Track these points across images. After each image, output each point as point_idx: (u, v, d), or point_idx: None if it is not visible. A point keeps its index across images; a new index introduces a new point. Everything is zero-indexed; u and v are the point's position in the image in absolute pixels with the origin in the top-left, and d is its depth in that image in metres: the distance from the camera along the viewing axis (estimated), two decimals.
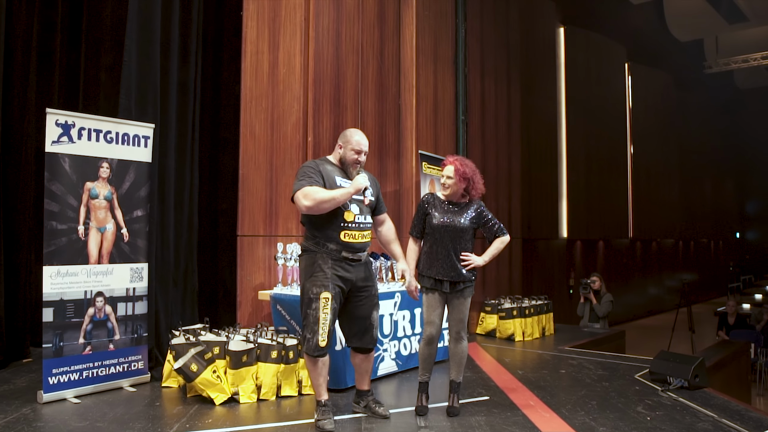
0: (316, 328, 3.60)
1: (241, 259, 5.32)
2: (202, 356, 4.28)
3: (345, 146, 3.82)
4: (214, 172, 6.02)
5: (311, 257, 3.69)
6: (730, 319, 9.98)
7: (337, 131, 5.79)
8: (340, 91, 5.85)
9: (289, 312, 4.82)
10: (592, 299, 8.26)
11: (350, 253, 3.72)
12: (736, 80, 22.37)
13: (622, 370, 5.52)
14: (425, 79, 6.87)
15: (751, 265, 25.41)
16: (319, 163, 3.82)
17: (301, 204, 3.58)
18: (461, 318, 4.08)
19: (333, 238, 3.67)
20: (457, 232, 4.04)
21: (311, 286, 3.64)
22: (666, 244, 18.87)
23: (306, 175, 3.66)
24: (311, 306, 3.63)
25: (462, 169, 4.09)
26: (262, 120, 5.44)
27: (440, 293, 4.06)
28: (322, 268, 3.64)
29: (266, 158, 5.44)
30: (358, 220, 3.75)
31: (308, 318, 3.64)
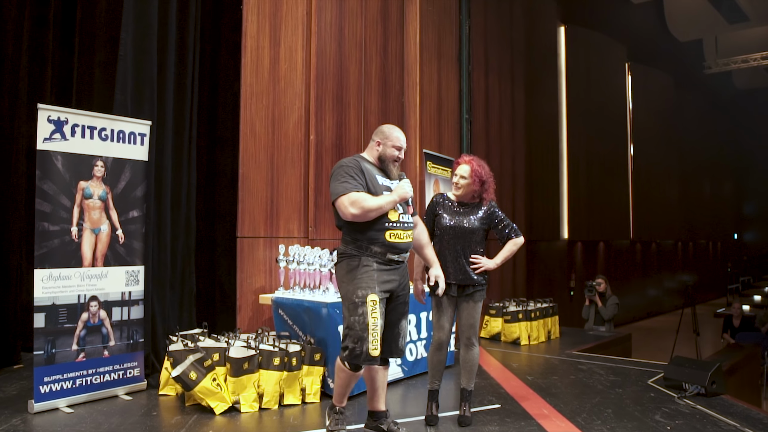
0: (365, 335, 3.26)
1: (241, 262, 5.13)
2: (201, 363, 4.10)
3: (384, 143, 3.51)
4: (212, 172, 5.83)
5: (354, 261, 3.38)
6: (735, 321, 9.83)
7: (339, 129, 5.61)
8: (343, 88, 5.68)
9: (291, 317, 4.64)
10: (598, 302, 8.10)
11: (396, 254, 3.42)
12: (735, 81, 22.28)
13: (634, 375, 5.35)
14: (429, 76, 6.70)
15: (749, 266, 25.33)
16: (359, 160, 3.48)
17: (347, 212, 3.28)
18: (472, 323, 3.91)
19: (377, 240, 3.37)
20: (467, 233, 3.88)
21: (355, 289, 3.33)
22: (665, 246, 18.76)
23: (348, 176, 3.34)
24: (357, 311, 3.29)
25: (479, 170, 3.95)
26: (262, 117, 5.25)
27: (450, 297, 3.89)
28: (367, 270, 3.34)
29: (267, 157, 5.26)
30: (403, 219, 3.48)
31: (354, 326, 3.29)
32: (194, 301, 5.29)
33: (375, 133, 3.58)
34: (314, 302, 4.45)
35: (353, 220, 3.31)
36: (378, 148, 3.53)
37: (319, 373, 4.39)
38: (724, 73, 19.95)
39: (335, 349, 4.38)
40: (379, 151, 3.53)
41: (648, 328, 15.32)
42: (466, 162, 3.98)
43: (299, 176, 5.36)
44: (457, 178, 3.96)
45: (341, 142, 5.61)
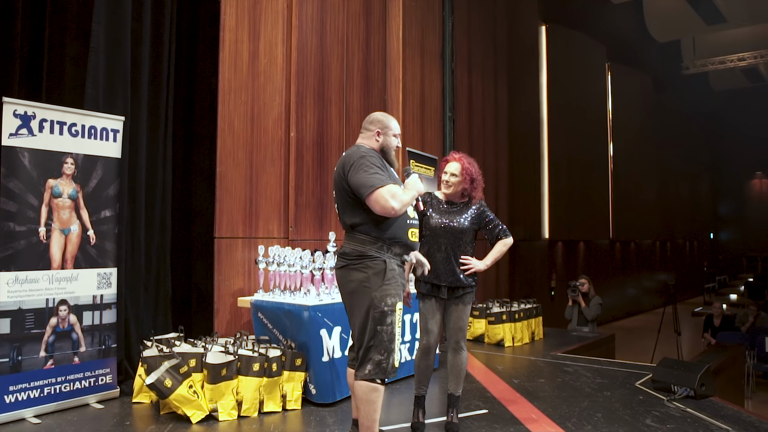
0: (392, 347, 2.97)
1: (219, 263, 4.95)
2: (176, 370, 3.91)
3: (386, 132, 3.23)
4: (189, 170, 5.62)
5: (378, 263, 3.01)
6: (715, 321, 9.85)
7: (321, 126, 5.45)
8: (325, 84, 5.52)
9: (271, 320, 4.47)
10: (581, 302, 8.04)
11: (408, 254, 3.21)
12: (711, 82, 22.51)
13: (621, 377, 5.27)
14: (412, 73, 6.57)
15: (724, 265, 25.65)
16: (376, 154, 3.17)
17: (388, 205, 2.89)
18: (461, 327, 3.78)
19: (400, 240, 3.08)
20: (457, 233, 3.75)
21: (384, 296, 2.97)
22: (644, 245, 18.87)
23: (377, 167, 2.99)
24: (385, 321, 2.96)
25: (470, 168, 3.84)
26: (241, 114, 5.07)
27: (438, 300, 3.77)
28: (393, 274, 3.02)
29: (246, 155, 5.08)
30: (416, 217, 3.27)
31: (380, 336, 2.94)
32: (170, 304, 5.10)
33: (371, 123, 3.26)
34: (295, 305, 4.29)
35: (387, 215, 2.94)
36: (379, 139, 3.23)
37: (301, 378, 4.23)
38: (701, 74, 20.13)
39: (317, 354, 4.23)
40: (380, 141, 3.23)
41: (628, 327, 15.37)
42: (456, 160, 3.85)
43: (279, 174, 5.19)
44: (448, 176, 3.83)
45: (323, 139, 5.45)
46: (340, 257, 3.12)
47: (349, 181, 2.99)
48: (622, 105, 16.60)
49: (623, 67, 16.59)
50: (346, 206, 3.06)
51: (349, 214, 3.06)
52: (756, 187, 26.71)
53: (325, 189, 5.47)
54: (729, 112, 23.96)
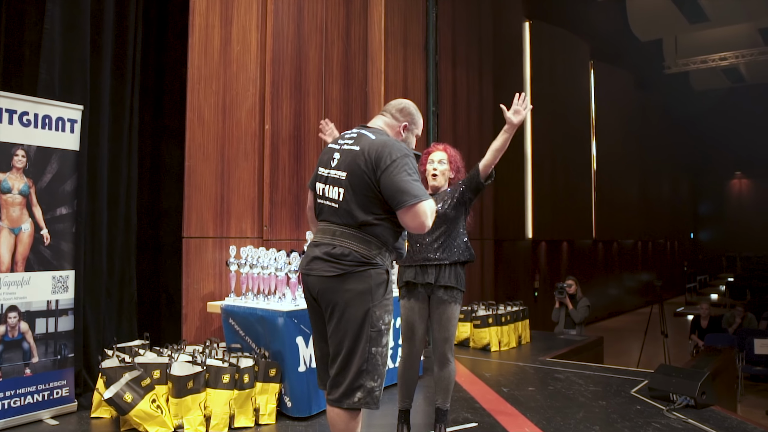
0: (384, 372, 2.55)
1: (187, 265, 4.60)
2: (138, 383, 3.56)
3: (412, 130, 2.75)
4: (157, 165, 5.25)
5: (381, 273, 2.52)
6: (702, 322, 9.68)
7: (298, 119, 5.12)
8: (302, 74, 5.19)
9: (243, 327, 4.13)
10: (568, 304, 7.79)
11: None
12: (692, 82, 22.50)
13: (615, 385, 5.01)
14: (394, 64, 6.26)
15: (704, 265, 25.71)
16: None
17: (427, 224, 2.44)
18: (447, 336, 3.46)
19: (398, 248, 2.64)
20: (442, 222, 3.47)
21: (383, 313, 2.51)
22: (626, 245, 18.76)
23: (418, 174, 2.51)
24: (381, 342, 2.50)
25: (456, 156, 3.63)
26: (212, 104, 4.73)
27: (422, 303, 3.47)
28: (389, 288, 2.57)
29: (217, 148, 4.74)
30: None
31: (374, 360, 2.47)
32: (135, 308, 4.73)
33: (400, 111, 2.73)
34: (269, 311, 3.95)
35: (418, 232, 2.47)
36: (403, 134, 2.71)
37: (275, 390, 3.90)
38: (682, 74, 20.08)
39: (292, 363, 3.90)
40: (403, 137, 2.71)
41: (611, 328, 15.21)
42: (440, 149, 3.62)
43: (253, 170, 4.85)
44: (435, 164, 3.56)
45: (299, 133, 5.12)
46: (328, 260, 2.50)
47: (383, 179, 2.44)
48: (605, 104, 16.44)
49: (606, 65, 16.43)
50: (364, 200, 2.48)
51: (362, 210, 2.48)
52: (735, 187, 26.85)
53: (302, 186, 5.14)
54: (709, 112, 23.98)
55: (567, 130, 14.05)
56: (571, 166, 14.28)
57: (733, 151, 25.30)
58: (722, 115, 23.91)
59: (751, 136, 23.91)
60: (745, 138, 24.27)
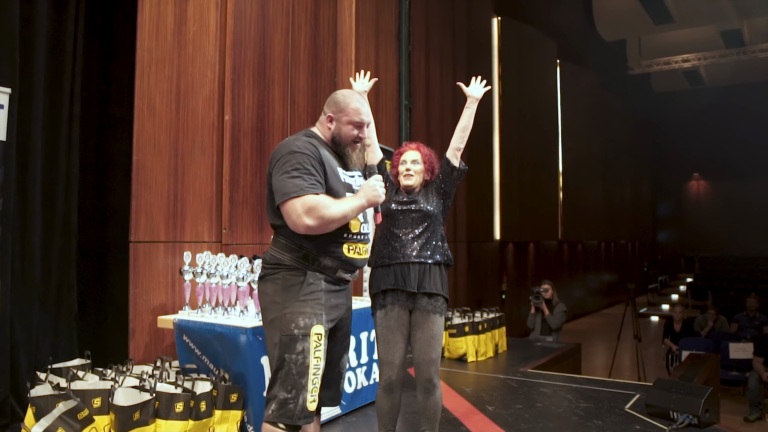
0: (304, 383, 2.36)
1: (135, 273, 4.05)
2: (74, 416, 3.02)
3: (338, 118, 2.57)
4: (103, 159, 4.67)
5: (295, 275, 2.45)
6: (676, 326, 9.46)
7: (261, 110, 4.61)
8: (266, 60, 4.68)
9: (199, 345, 3.61)
10: (544, 309, 7.47)
11: (348, 273, 2.58)
12: (652, 83, 22.65)
13: (607, 400, 4.65)
14: (366, 53, 5.80)
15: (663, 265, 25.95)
16: (317, 145, 2.51)
17: (300, 222, 2.34)
18: (433, 357, 3.00)
19: (332, 253, 2.48)
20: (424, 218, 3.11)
21: (295, 316, 2.39)
22: (590, 246, 18.70)
23: (304, 168, 2.38)
24: (294, 348, 2.37)
25: (430, 155, 3.24)
26: (163, 91, 4.18)
27: (400, 318, 3.02)
28: (312, 290, 2.43)
29: (169, 141, 4.20)
30: (364, 230, 2.60)
31: (287, 367, 2.36)
32: (75, 323, 4.16)
33: (327, 104, 2.63)
34: (230, 327, 3.44)
35: (307, 233, 2.39)
36: (329, 126, 2.59)
37: (236, 418, 3.39)
38: (644, 75, 20.14)
39: (257, 387, 3.40)
40: (331, 129, 2.59)
41: (577, 330, 15.03)
42: (413, 148, 3.25)
43: (210, 165, 4.32)
44: (408, 164, 3.16)
45: (263, 125, 4.62)
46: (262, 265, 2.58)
47: (271, 180, 2.48)
48: (571, 104, 16.29)
49: (572, 65, 16.28)
50: (272, 203, 2.50)
51: (272, 213, 2.54)
52: (693, 189, 27.15)
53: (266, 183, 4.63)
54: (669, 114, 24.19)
55: (534, 129, 13.79)
56: (537, 165, 14.04)
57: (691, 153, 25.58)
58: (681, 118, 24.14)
59: (708, 139, 24.20)
60: (702, 140, 24.55)
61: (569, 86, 16.14)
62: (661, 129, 25.50)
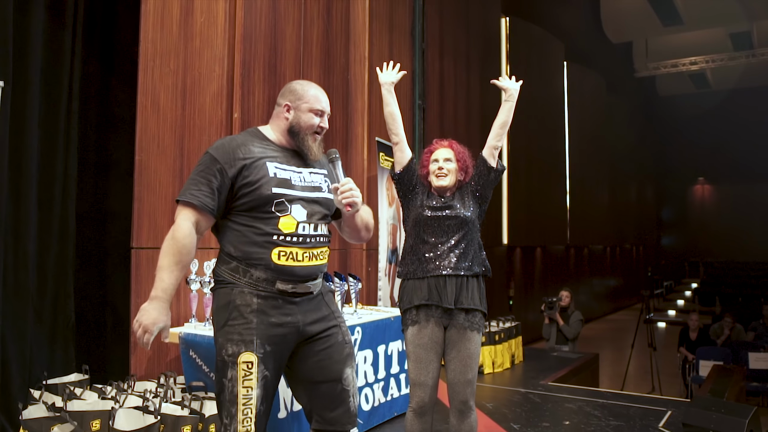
0: (234, 411, 2.22)
1: (138, 282, 3.76)
2: None
3: (297, 106, 2.39)
4: (103, 159, 4.39)
5: (226, 293, 2.29)
6: (692, 334, 9.19)
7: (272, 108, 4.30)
8: (278, 55, 4.40)
9: (208, 361, 3.32)
10: (558, 320, 7.19)
11: (289, 284, 2.28)
12: (658, 86, 22.42)
13: (638, 417, 4.38)
14: (379, 50, 5.53)
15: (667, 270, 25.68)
16: (248, 139, 2.37)
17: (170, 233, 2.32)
18: (470, 378, 2.78)
19: (259, 260, 2.26)
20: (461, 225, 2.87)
21: (225, 342, 2.26)
22: (596, 251, 18.44)
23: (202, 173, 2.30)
24: (226, 374, 2.24)
25: (464, 153, 2.99)
26: (168, 86, 3.90)
27: (437, 331, 2.77)
28: (241, 311, 2.24)
29: (175, 140, 3.92)
30: (305, 231, 2.32)
31: (224, 391, 2.25)
32: (73, 335, 3.88)
33: (281, 95, 2.47)
34: None
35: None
36: (288, 116, 2.40)
37: None
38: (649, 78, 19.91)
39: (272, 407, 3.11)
40: (289, 119, 2.39)
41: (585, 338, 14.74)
42: (444, 146, 2.99)
43: None
44: (441, 162, 2.91)
45: None
46: None
47: None
48: (578, 106, 16.03)
49: (579, 66, 16.03)
50: None
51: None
52: (698, 193, 26.91)
53: None
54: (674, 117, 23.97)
55: (542, 132, 13.53)
56: (545, 168, 13.78)
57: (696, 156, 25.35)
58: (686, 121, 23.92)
59: (714, 142, 23.99)
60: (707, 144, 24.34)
61: (575, 88, 15.89)
62: (666, 132, 25.26)
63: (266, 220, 2.26)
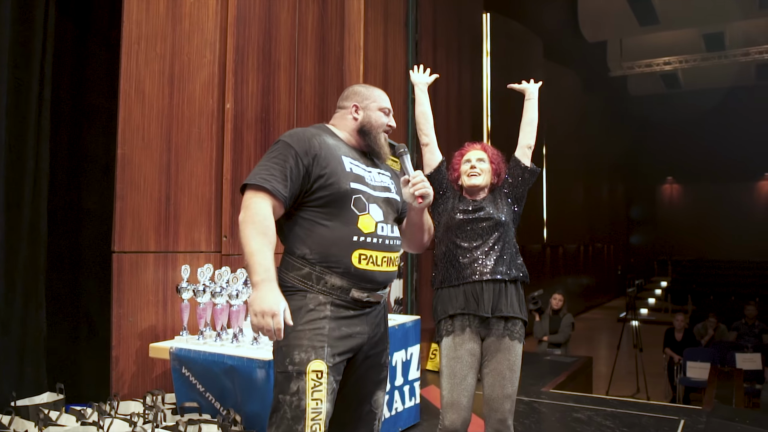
0: (300, 429, 1.93)
1: (120, 290, 3.38)
2: None
3: (366, 106, 2.24)
4: (77, 154, 4.00)
5: (296, 300, 2.00)
6: (677, 335, 9.09)
7: (266, 98, 3.99)
8: (273, 42, 4.06)
9: (202, 379, 2.97)
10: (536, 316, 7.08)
11: (365, 291, 2.06)
12: (629, 86, 22.53)
13: (651, 426, 4.19)
14: (375, 40, 5.21)
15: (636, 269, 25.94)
16: (322, 133, 2.16)
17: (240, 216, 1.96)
18: (510, 393, 2.58)
19: (338, 264, 2.01)
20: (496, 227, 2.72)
21: (292, 349, 1.97)
22: (570, 250, 18.43)
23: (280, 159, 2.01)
24: (288, 388, 1.95)
25: (497, 156, 2.94)
26: (155, 72, 3.53)
27: (474, 342, 2.58)
28: (313, 317, 1.99)
29: (161, 132, 3.54)
30: (383, 232, 2.11)
31: (282, 408, 1.96)
32: (44, 349, 3.48)
33: (345, 98, 2.32)
34: (243, 359, 2.82)
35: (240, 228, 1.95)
36: (357, 116, 2.24)
37: None
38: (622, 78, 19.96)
39: None
40: (359, 119, 2.24)
41: None
42: (477, 148, 2.92)
43: (209, 162, 3.68)
44: (473, 161, 2.79)
45: (268, 115, 4.00)
46: None
47: None
48: (555, 105, 15.95)
49: (556, 65, 15.94)
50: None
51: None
52: (667, 192, 27.23)
53: None
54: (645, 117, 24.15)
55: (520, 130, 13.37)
56: None
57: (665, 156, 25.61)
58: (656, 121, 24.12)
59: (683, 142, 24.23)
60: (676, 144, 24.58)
61: (553, 86, 15.79)
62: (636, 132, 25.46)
63: (345, 218, 2.03)
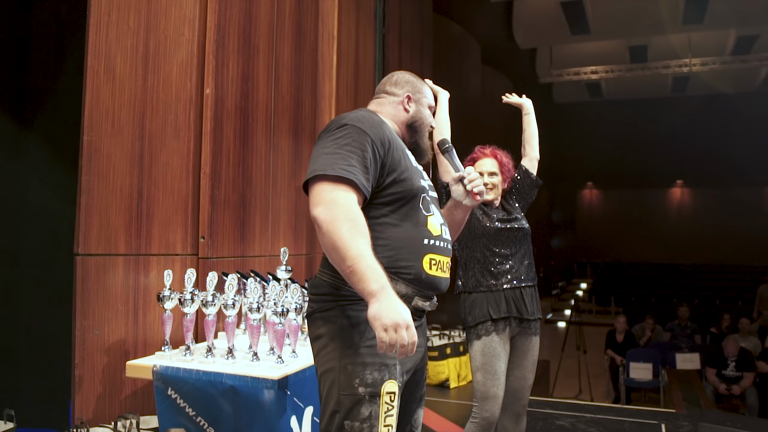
0: None
1: (84, 298, 2.92)
2: None
3: (417, 99, 2.03)
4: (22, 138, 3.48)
5: (358, 310, 1.71)
6: (618, 336, 9.24)
7: (246, 85, 3.61)
8: (252, 23, 3.68)
9: (193, 402, 2.57)
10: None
11: (428, 300, 1.84)
12: (554, 94, 23.17)
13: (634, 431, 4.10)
14: (348, 30, 4.91)
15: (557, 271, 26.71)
16: (379, 118, 1.86)
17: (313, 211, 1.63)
18: (530, 384, 2.89)
19: (408, 270, 1.76)
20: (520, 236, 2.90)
21: (361, 369, 1.68)
22: None
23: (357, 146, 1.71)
24: (358, 413, 1.67)
25: (508, 162, 3.09)
26: (127, 49, 3.08)
27: (506, 343, 2.77)
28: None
29: (133, 117, 3.10)
30: (446, 236, 1.90)
31: None
32: None
33: (395, 84, 2.06)
34: (245, 378, 2.45)
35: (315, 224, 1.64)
36: (409, 107, 2.01)
37: None
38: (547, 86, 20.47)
39: None
40: (411, 112, 2.02)
41: None
42: (487, 155, 3.03)
43: (187, 153, 3.26)
44: (485, 178, 2.91)
45: (247, 104, 3.61)
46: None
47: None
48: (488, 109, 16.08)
49: (491, 69, 16.07)
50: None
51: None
52: (586, 197, 28.22)
53: (249, 179, 3.62)
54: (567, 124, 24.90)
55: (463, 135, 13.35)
56: None
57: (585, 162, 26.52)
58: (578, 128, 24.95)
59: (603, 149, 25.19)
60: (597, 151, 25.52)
61: (487, 91, 15.90)
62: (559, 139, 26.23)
63: (415, 218, 1.80)
